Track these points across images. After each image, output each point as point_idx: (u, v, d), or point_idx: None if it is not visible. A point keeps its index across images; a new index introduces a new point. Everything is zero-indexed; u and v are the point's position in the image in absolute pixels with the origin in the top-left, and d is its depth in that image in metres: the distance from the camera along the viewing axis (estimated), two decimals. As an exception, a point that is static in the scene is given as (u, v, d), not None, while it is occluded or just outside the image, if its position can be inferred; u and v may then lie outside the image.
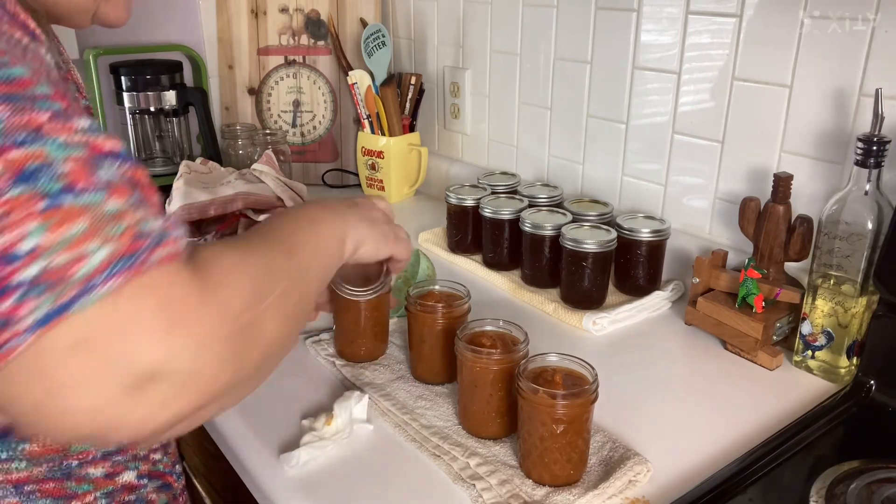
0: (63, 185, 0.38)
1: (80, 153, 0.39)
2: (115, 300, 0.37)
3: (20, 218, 0.36)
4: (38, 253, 0.36)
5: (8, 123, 0.37)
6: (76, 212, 0.37)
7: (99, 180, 0.39)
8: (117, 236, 0.38)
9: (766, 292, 0.85)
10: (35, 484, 0.55)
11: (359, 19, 1.47)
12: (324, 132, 1.54)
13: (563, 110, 1.19)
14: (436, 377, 0.80)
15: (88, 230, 0.37)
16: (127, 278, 0.37)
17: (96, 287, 0.36)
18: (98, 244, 0.37)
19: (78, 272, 0.36)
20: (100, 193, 0.39)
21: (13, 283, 0.36)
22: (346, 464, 0.68)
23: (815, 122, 0.87)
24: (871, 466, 0.64)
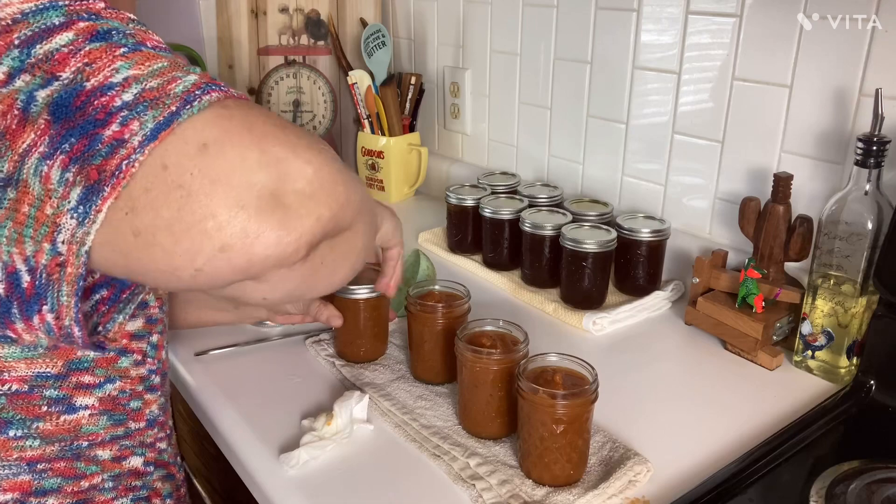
0: (135, 40, 0.40)
1: (139, 27, 0.42)
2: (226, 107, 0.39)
3: (105, 63, 0.38)
4: (130, 81, 0.38)
5: (70, 7, 0.40)
6: (153, 56, 0.40)
7: (160, 48, 0.41)
8: (196, 73, 0.40)
9: (766, 292, 0.85)
10: (47, 462, 0.56)
11: (359, 19, 1.47)
12: (324, 132, 1.54)
13: (563, 110, 1.19)
14: (436, 377, 0.79)
15: (169, 66, 0.39)
16: (222, 93, 0.39)
17: (197, 99, 0.38)
18: (184, 73, 0.39)
19: (175, 88, 0.38)
20: (165, 51, 0.41)
21: (115, 106, 0.37)
22: (345, 464, 0.68)
23: (815, 122, 0.87)
24: (871, 466, 0.64)
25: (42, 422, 0.55)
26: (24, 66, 0.38)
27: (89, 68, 0.38)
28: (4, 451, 0.54)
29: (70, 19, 0.40)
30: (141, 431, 0.63)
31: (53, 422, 0.56)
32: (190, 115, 0.37)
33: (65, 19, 0.40)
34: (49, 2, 0.40)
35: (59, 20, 0.40)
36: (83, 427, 0.58)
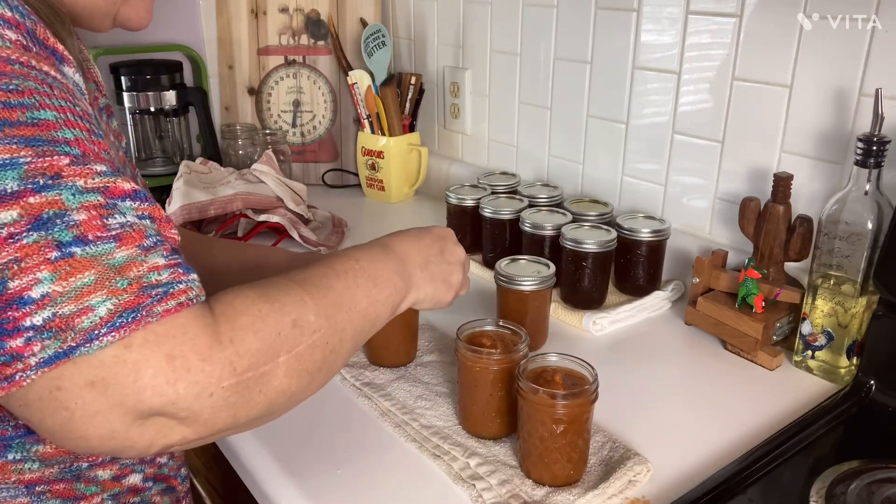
0: (75, 235, 0.40)
1: (95, 198, 0.42)
2: (127, 347, 0.40)
3: (33, 265, 0.39)
4: (46, 301, 0.39)
5: (30, 167, 0.41)
6: (85, 263, 0.40)
7: (111, 228, 0.42)
8: (122, 289, 0.41)
9: (766, 292, 0.85)
10: (46, 484, 0.56)
11: (359, 19, 1.47)
12: (324, 132, 1.54)
13: (563, 110, 1.19)
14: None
15: (95, 283, 0.40)
16: (130, 330, 0.40)
17: (99, 337, 0.40)
18: (104, 297, 0.40)
19: (83, 323, 0.40)
20: (110, 244, 0.41)
21: (23, 325, 0.39)
22: (346, 464, 0.68)
23: (815, 122, 0.87)
24: (871, 466, 0.64)
25: (41, 445, 0.55)
26: None
27: (16, 266, 0.39)
28: (3, 475, 0.54)
29: (23, 187, 0.40)
30: None
31: (53, 445, 0.55)
32: (87, 353, 0.40)
33: (18, 186, 0.40)
34: (10, 157, 0.40)
35: (11, 186, 0.40)
36: None
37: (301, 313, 0.49)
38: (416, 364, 0.84)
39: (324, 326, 0.50)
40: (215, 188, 1.21)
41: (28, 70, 0.43)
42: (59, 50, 0.47)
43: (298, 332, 0.48)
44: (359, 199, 1.48)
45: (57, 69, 0.46)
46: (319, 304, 0.51)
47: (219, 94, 1.54)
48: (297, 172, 1.54)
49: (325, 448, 0.70)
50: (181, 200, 1.17)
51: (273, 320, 0.47)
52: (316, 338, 0.49)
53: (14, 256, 0.39)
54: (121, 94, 1.37)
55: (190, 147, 1.49)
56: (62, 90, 0.44)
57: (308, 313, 0.49)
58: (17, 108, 0.41)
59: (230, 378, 0.43)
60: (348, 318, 0.53)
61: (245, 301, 0.47)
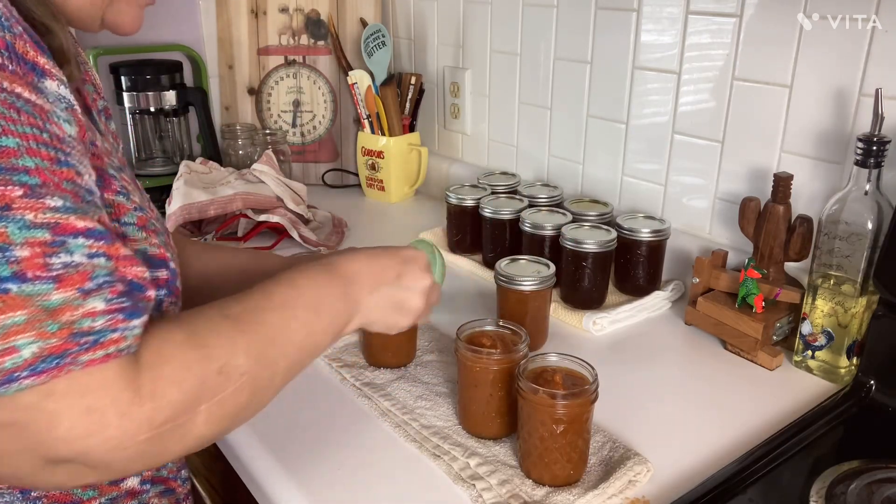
0: (13, 271, 0.39)
1: (41, 235, 0.40)
2: (48, 395, 0.40)
3: None
4: None
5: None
6: (18, 302, 0.39)
7: (52, 268, 0.40)
8: (51, 333, 0.40)
9: (766, 292, 0.85)
10: (41, 490, 0.55)
11: (359, 19, 1.47)
12: (324, 132, 1.54)
13: (563, 110, 1.19)
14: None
15: (25, 323, 0.39)
16: (51, 376, 0.39)
17: (18, 380, 0.39)
18: (31, 339, 0.39)
19: (5, 363, 0.39)
20: (47, 284, 0.40)
21: None
22: (346, 464, 0.68)
23: (815, 122, 0.87)
24: (871, 466, 0.64)
25: None
26: None
27: None
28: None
29: None
30: None
31: None
32: (4, 394, 0.39)
33: None
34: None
35: None
36: None
37: (229, 358, 0.47)
38: (416, 364, 0.84)
39: (253, 367, 0.49)
40: (215, 188, 1.21)
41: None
42: (39, 64, 0.45)
43: (224, 379, 0.47)
44: (359, 199, 1.48)
45: (33, 88, 0.44)
46: (251, 344, 0.49)
47: (219, 94, 1.54)
48: (297, 172, 1.54)
49: (325, 448, 0.70)
50: (181, 200, 1.17)
51: (198, 369, 0.46)
52: (243, 381, 0.48)
53: None
54: (121, 94, 1.37)
55: (190, 147, 1.49)
56: (31, 114, 0.42)
57: (237, 357, 0.48)
58: None
59: (147, 432, 0.43)
60: (282, 353, 0.52)
61: (172, 347, 0.45)
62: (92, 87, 0.62)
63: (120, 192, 0.51)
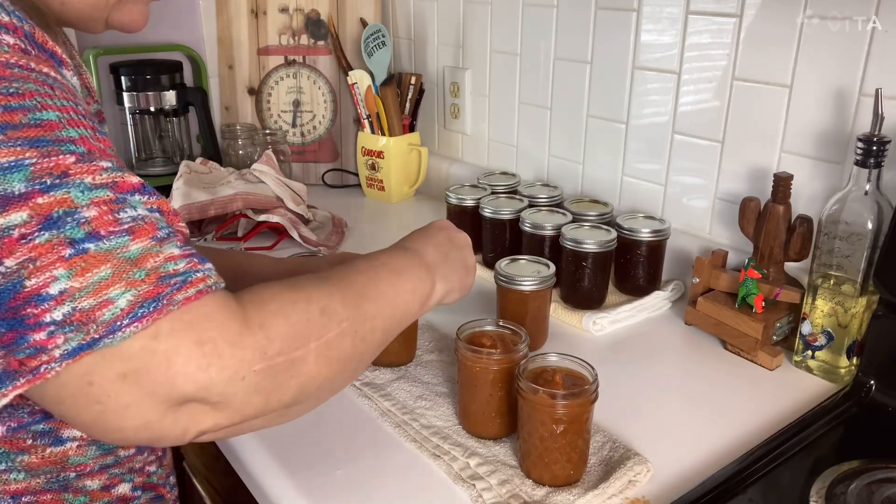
0: (87, 231, 0.41)
1: (104, 194, 0.42)
2: (154, 336, 0.40)
3: (47, 263, 0.39)
4: (65, 297, 0.39)
5: (35, 168, 0.41)
6: (100, 258, 0.40)
7: (123, 222, 0.42)
8: (140, 280, 0.41)
9: (766, 292, 0.85)
10: (32, 495, 0.55)
11: (359, 19, 1.47)
12: (324, 132, 1.54)
13: (563, 110, 1.19)
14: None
15: (112, 276, 0.40)
16: (152, 319, 0.40)
17: (121, 329, 0.40)
18: (122, 289, 0.40)
19: (104, 315, 0.40)
20: (123, 237, 0.42)
21: (44, 320, 0.39)
22: (346, 464, 0.68)
23: (815, 122, 0.87)
24: (871, 466, 0.64)
25: (27, 455, 0.54)
26: None
27: (32, 265, 0.40)
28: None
29: (31, 188, 0.40)
30: (131, 458, 0.62)
31: (39, 454, 0.55)
32: (111, 345, 0.40)
33: (25, 188, 0.40)
34: (16, 159, 0.41)
35: (19, 188, 0.40)
36: (70, 458, 0.56)
37: (328, 302, 0.49)
38: (416, 364, 0.84)
39: (352, 316, 0.51)
40: (215, 188, 1.21)
41: (28, 73, 0.43)
42: (57, 53, 0.47)
43: (327, 320, 0.48)
44: (359, 199, 1.48)
45: (57, 71, 0.46)
46: (346, 295, 0.51)
47: (219, 94, 1.54)
48: (297, 172, 1.54)
49: (325, 448, 0.70)
50: (181, 200, 1.17)
51: (301, 307, 0.47)
52: (345, 326, 0.50)
53: (28, 256, 0.39)
54: (121, 94, 1.37)
55: (190, 147, 1.49)
56: (63, 90, 0.45)
57: (335, 303, 0.50)
58: (18, 111, 0.41)
59: (261, 362, 0.43)
60: (376, 308, 0.54)
61: (272, 290, 0.47)
62: (86, 90, 0.62)
63: None
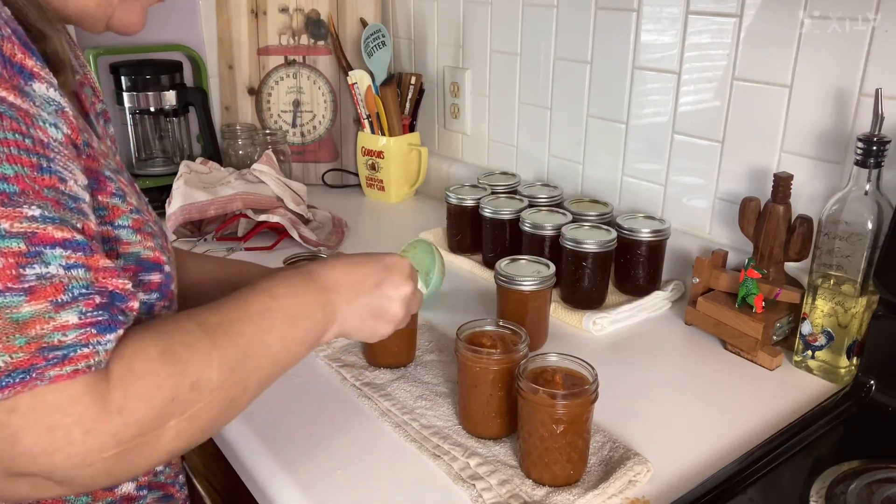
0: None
1: (16, 245, 0.40)
2: (10, 410, 0.39)
3: None
4: None
5: None
6: None
7: (25, 279, 0.40)
8: (18, 347, 0.39)
9: (766, 292, 0.85)
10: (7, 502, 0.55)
11: (359, 19, 1.47)
12: (324, 132, 1.54)
13: (563, 110, 1.19)
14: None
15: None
16: (14, 391, 0.39)
17: (9, 388, 0.38)
18: (12, 344, 0.39)
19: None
20: (18, 296, 0.40)
21: None
22: (346, 464, 0.68)
23: (815, 122, 0.87)
24: (871, 466, 0.64)
25: None
26: None
27: None
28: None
29: None
30: None
31: None
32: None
33: None
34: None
35: None
36: None
37: (203, 373, 0.47)
38: (416, 364, 0.84)
39: (226, 382, 0.48)
40: (215, 188, 1.21)
41: None
42: (27, 67, 0.44)
43: (196, 395, 0.46)
44: (359, 199, 1.48)
45: (18, 92, 0.43)
46: (225, 358, 0.48)
47: (219, 94, 1.54)
48: (297, 172, 1.54)
49: (325, 448, 0.70)
50: (181, 200, 1.17)
51: (170, 385, 0.45)
52: (215, 395, 0.47)
53: None
54: (121, 94, 1.37)
55: (190, 147, 1.49)
56: (14, 119, 0.42)
57: (211, 372, 0.47)
58: None
59: (113, 449, 0.42)
60: (256, 367, 0.51)
61: (145, 362, 0.44)
62: (91, 89, 0.61)
63: (115, 194, 0.51)
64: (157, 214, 0.61)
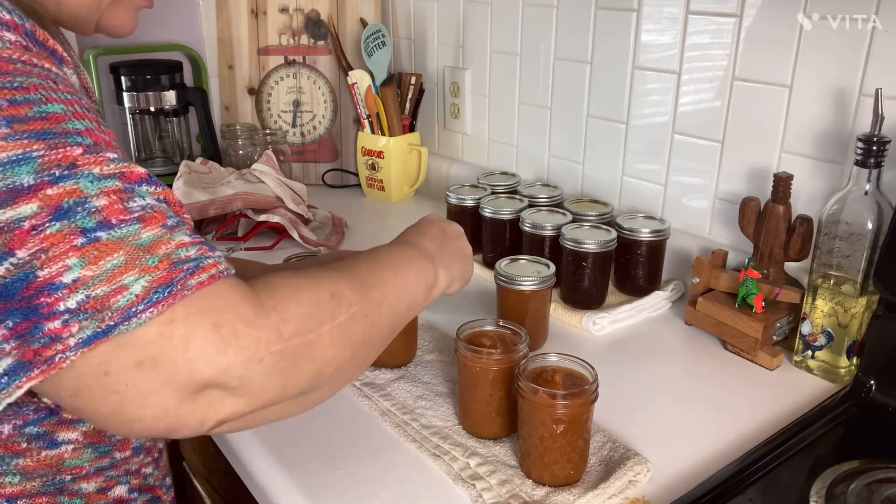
0: (98, 220, 0.41)
1: (113, 184, 0.42)
2: (170, 322, 0.40)
3: (59, 253, 0.39)
4: (79, 284, 0.39)
5: (44, 160, 0.41)
6: (112, 246, 0.40)
7: (133, 210, 0.42)
8: (153, 266, 0.41)
9: (766, 292, 0.85)
10: (28, 498, 0.55)
11: (359, 19, 1.47)
12: (324, 132, 1.54)
13: (563, 110, 1.19)
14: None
15: (125, 263, 0.40)
16: (167, 304, 0.40)
17: (137, 315, 0.40)
18: (136, 275, 0.40)
19: (118, 302, 0.40)
20: (134, 225, 0.42)
21: (58, 309, 0.39)
22: (346, 464, 0.68)
23: (815, 122, 0.87)
24: (871, 466, 0.64)
25: (21, 458, 0.54)
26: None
27: (44, 255, 0.39)
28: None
29: (39, 180, 0.40)
30: (127, 460, 0.62)
31: (34, 458, 0.54)
32: (127, 331, 0.40)
33: (34, 180, 0.40)
34: (24, 152, 0.41)
35: (27, 180, 0.40)
36: (66, 461, 0.56)
37: (337, 288, 0.50)
38: (416, 364, 0.84)
39: (361, 300, 0.51)
40: (215, 188, 1.21)
41: (31, 67, 0.44)
42: (58, 51, 0.48)
43: (337, 304, 0.49)
44: (359, 199, 1.48)
45: (58, 68, 0.47)
46: (353, 281, 0.52)
47: (219, 94, 1.54)
48: (297, 172, 1.54)
49: (325, 448, 0.70)
50: (181, 200, 1.17)
51: (311, 291, 0.48)
52: (355, 310, 0.50)
53: (40, 247, 0.39)
54: (121, 94, 1.37)
55: (190, 147, 1.49)
56: (66, 85, 0.45)
57: (343, 288, 0.50)
58: (24, 105, 0.42)
59: (278, 343, 0.44)
60: (383, 295, 0.54)
61: (281, 277, 0.48)
62: (85, 91, 0.62)
63: None
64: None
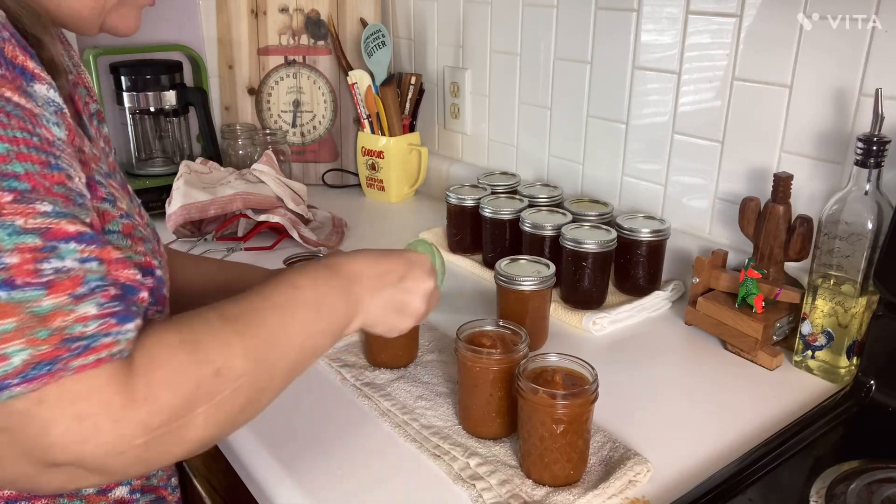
0: (3, 278, 0.39)
1: (32, 241, 0.40)
2: (39, 402, 0.40)
3: None
4: None
5: None
6: (8, 309, 0.39)
7: (43, 273, 0.40)
8: (41, 340, 0.39)
9: (766, 292, 0.85)
10: (27, 500, 0.55)
11: (359, 19, 1.47)
12: (324, 132, 1.54)
13: (563, 110, 1.19)
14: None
15: (14, 331, 0.39)
16: (42, 383, 0.39)
17: (9, 388, 0.39)
18: (20, 346, 0.39)
19: None
20: (38, 290, 0.40)
21: None
22: (346, 464, 0.68)
23: (815, 122, 0.87)
24: (871, 466, 0.64)
25: None
26: None
27: None
28: None
29: None
30: None
31: None
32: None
33: None
34: None
35: None
36: None
37: (226, 360, 0.47)
38: (416, 364, 0.84)
39: (251, 369, 0.48)
40: (215, 188, 1.21)
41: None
42: (28, 68, 0.45)
43: (220, 382, 0.46)
44: (359, 199, 1.48)
45: (22, 92, 0.44)
46: (248, 346, 0.49)
47: (219, 94, 1.54)
48: (297, 172, 1.54)
49: (325, 448, 0.70)
50: (181, 200, 1.17)
51: (193, 372, 0.45)
52: (241, 382, 0.47)
53: None
54: (121, 94, 1.37)
55: (190, 147, 1.49)
56: (21, 118, 0.43)
57: (234, 358, 0.47)
58: None
59: (143, 437, 0.42)
60: (281, 355, 0.51)
61: (166, 351, 0.45)
62: (84, 90, 0.61)
63: (106, 199, 0.51)
64: (151, 216, 0.60)
